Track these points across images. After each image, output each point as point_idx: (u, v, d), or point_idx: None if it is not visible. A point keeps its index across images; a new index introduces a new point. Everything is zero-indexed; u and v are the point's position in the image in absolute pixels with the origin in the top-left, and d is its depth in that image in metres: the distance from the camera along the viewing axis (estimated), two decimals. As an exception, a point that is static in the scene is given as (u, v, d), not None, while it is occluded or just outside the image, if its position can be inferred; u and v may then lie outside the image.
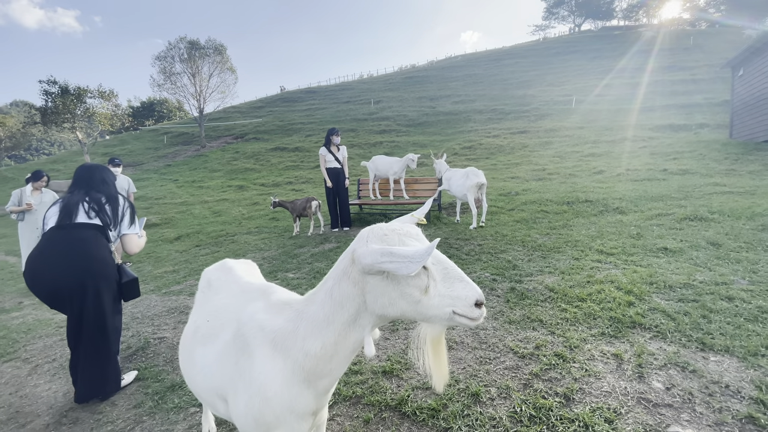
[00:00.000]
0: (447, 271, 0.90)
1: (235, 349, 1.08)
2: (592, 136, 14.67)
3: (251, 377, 1.01)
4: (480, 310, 0.88)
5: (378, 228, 0.95)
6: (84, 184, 2.32)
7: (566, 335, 2.37)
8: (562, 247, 4.20)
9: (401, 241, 0.92)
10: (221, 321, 1.21)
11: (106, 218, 2.26)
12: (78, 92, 19.77)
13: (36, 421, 2.17)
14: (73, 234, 2.15)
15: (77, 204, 2.21)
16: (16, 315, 4.26)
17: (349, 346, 1.00)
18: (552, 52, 40.02)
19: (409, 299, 0.90)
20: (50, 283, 2.10)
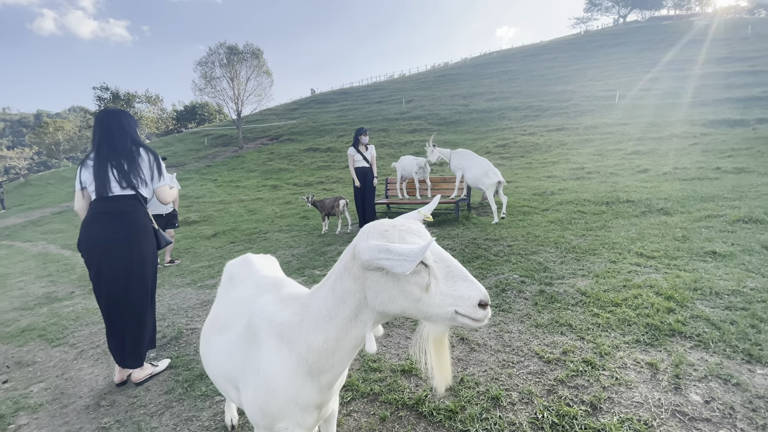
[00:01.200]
0: (450, 269, 0.88)
1: (245, 339, 1.11)
2: (636, 132, 13.85)
3: (258, 368, 1.03)
4: (484, 311, 0.85)
5: (380, 223, 0.94)
6: (105, 133, 2.33)
7: (597, 341, 2.24)
8: (599, 249, 3.99)
9: (401, 238, 0.89)
10: (236, 312, 1.24)
11: (135, 182, 2.32)
12: (127, 97, 21.19)
13: (77, 402, 2.34)
14: (113, 207, 2.28)
15: (106, 173, 2.27)
16: (68, 304, 4.61)
17: (351, 342, 0.99)
18: (594, 45, 38.20)
19: (409, 297, 0.88)
20: (100, 255, 2.28)
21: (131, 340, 2.41)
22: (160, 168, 2.47)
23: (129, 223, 2.30)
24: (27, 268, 7.81)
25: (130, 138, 2.39)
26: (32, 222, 16.04)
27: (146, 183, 2.39)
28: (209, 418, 2.00)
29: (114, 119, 2.39)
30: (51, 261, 8.10)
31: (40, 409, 2.31)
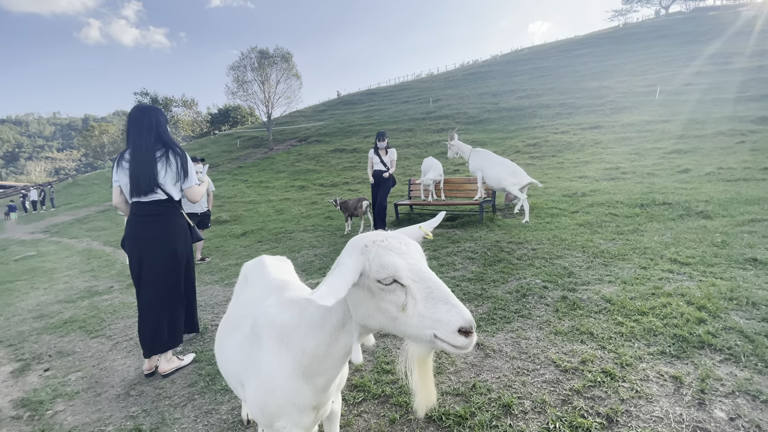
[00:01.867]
0: (430, 290, 0.83)
1: (250, 340, 1.15)
2: (678, 130, 13.09)
3: (260, 368, 1.07)
4: (467, 338, 0.79)
5: (365, 237, 0.92)
6: (137, 132, 2.43)
7: (619, 351, 2.15)
8: (629, 254, 3.82)
9: (378, 255, 0.86)
10: (245, 313, 1.29)
11: (164, 186, 2.46)
12: (165, 102, 22.25)
13: (109, 392, 2.49)
14: (148, 210, 2.48)
15: (137, 178, 2.40)
16: (106, 298, 4.92)
17: (341, 350, 1.00)
18: (633, 38, 36.41)
19: (386, 314, 0.86)
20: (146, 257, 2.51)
21: (159, 329, 2.57)
22: (186, 169, 2.56)
23: (164, 223, 2.52)
24: (72, 263, 8.38)
25: (160, 139, 2.49)
26: (78, 220, 17.18)
27: (174, 185, 2.52)
28: (227, 412, 2.08)
29: (146, 117, 2.48)
30: (94, 257, 8.64)
31: (76, 397, 2.48)
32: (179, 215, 2.61)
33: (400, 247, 0.89)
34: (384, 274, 0.84)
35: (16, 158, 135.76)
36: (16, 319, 4.53)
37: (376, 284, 0.86)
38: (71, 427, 2.13)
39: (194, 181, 2.62)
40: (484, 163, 6.16)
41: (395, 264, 0.84)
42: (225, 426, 1.96)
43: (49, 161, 77.77)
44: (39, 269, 8.04)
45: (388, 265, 0.84)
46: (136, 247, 2.51)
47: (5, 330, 4.16)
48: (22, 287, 6.48)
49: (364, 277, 0.87)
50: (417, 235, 1.05)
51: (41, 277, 7.15)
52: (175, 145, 2.56)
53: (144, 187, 2.42)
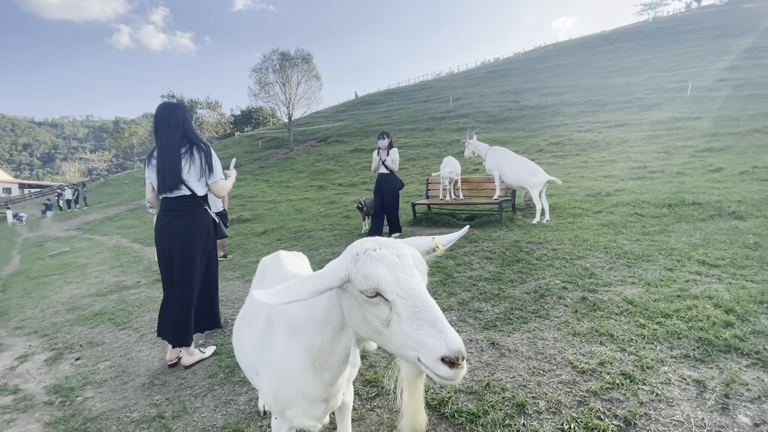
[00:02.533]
0: (417, 309, 0.77)
1: (265, 331, 1.19)
2: (710, 127, 12.53)
3: (273, 357, 1.10)
4: (452, 369, 0.71)
5: (362, 244, 0.89)
6: (163, 130, 2.52)
7: (639, 354, 2.09)
8: (654, 255, 3.69)
9: (364, 265, 0.82)
10: (260, 306, 1.33)
11: (188, 182, 2.54)
12: (191, 104, 22.93)
13: (135, 381, 2.60)
14: (174, 205, 2.58)
15: (164, 175, 2.50)
16: (134, 292, 5.12)
17: (342, 350, 1.00)
18: (663, 32, 35.04)
19: (371, 326, 0.83)
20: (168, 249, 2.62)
21: (181, 320, 2.65)
22: (211, 164, 2.60)
23: (188, 217, 2.59)
24: (103, 259, 8.76)
25: (185, 136, 2.55)
26: (109, 218, 17.94)
27: (199, 180, 2.58)
28: (245, 403, 2.14)
29: (172, 114, 2.55)
30: (123, 253, 9.00)
31: (104, 385, 2.60)
32: (203, 211, 2.67)
33: (390, 258, 0.82)
34: (365, 285, 0.80)
35: (52, 159, 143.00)
36: (51, 311, 4.78)
37: (359, 295, 0.82)
38: (99, 412, 2.24)
39: (219, 176, 2.66)
40: (501, 162, 6.07)
41: (379, 276, 0.79)
42: (242, 416, 2.02)
43: (82, 162, 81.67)
44: (72, 264, 8.45)
45: (372, 277, 0.80)
46: (162, 240, 2.63)
47: (41, 321, 4.40)
48: (57, 281, 6.82)
49: (352, 286, 0.85)
50: (428, 247, 0.98)
51: (74, 272, 7.51)
52: (199, 141, 2.59)
53: (169, 183, 2.50)
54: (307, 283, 0.82)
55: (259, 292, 0.78)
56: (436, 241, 0.98)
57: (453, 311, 2.94)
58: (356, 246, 0.88)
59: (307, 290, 0.80)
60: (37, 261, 9.92)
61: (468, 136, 6.77)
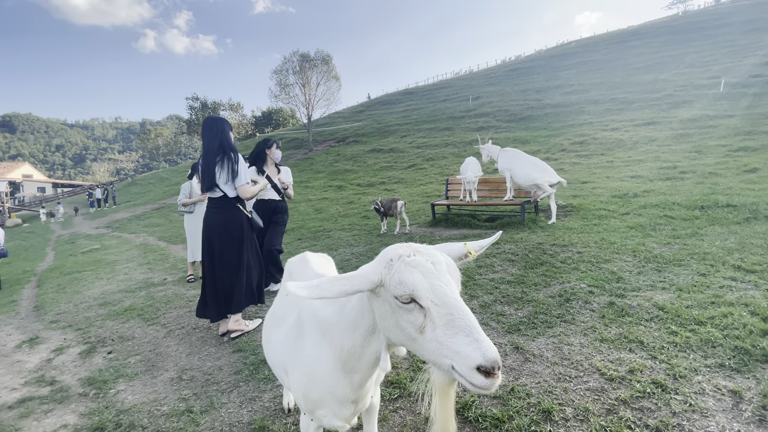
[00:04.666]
0: (452, 317, 0.76)
1: (295, 331, 1.21)
2: (745, 125, 11.96)
3: (303, 357, 1.12)
4: (488, 379, 0.71)
5: (393, 249, 0.89)
6: (205, 139, 3.00)
7: (671, 362, 2.02)
8: (686, 259, 3.55)
9: (398, 271, 0.82)
10: (290, 307, 1.35)
11: (220, 185, 2.95)
12: (213, 106, 23.50)
13: (164, 375, 2.69)
14: (214, 204, 3.07)
15: (203, 178, 2.98)
16: (161, 289, 5.28)
17: (372, 354, 1.00)
18: (694, 27, 33.67)
19: (404, 332, 0.82)
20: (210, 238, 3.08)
21: (221, 297, 3.08)
22: (236, 170, 2.96)
23: (224, 214, 3.06)
24: (131, 256, 9.08)
25: (221, 145, 2.96)
26: (136, 216, 18.57)
27: (226, 183, 2.98)
28: (270, 400, 2.18)
29: (213, 126, 3.00)
30: (150, 251, 9.31)
31: (135, 378, 2.70)
32: (235, 208, 3.08)
33: (425, 265, 0.82)
34: (400, 291, 0.80)
35: (83, 159, 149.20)
36: (84, 305, 4.99)
37: (393, 300, 0.82)
38: (131, 405, 2.32)
39: (243, 180, 2.99)
40: (512, 162, 6.07)
41: (414, 283, 0.79)
42: (267, 413, 2.05)
43: (111, 162, 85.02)
44: (103, 261, 8.79)
45: (407, 283, 0.80)
46: (206, 231, 3.10)
47: (74, 315, 4.59)
48: (89, 277, 7.11)
49: (385, 291, 0.85)
50: (460, 252, 0.97)
51: (105, 269, 7.81)
52: (230, 150, 3.00)
53: (206, 184, 2.98)
54: (339, 282, 0.83)
55: (292, 284, 0.80)
56: (469, 247, 0.97)
57: (475, 314, 2.90)
58: (390, 251, 0.88)
59: (338, 289, 0.82)
60: (70, 257, 10.37)
61: (482, 141, 6.71)
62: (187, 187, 5.25)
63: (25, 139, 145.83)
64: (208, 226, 3.10)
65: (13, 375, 3.03)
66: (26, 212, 29.19)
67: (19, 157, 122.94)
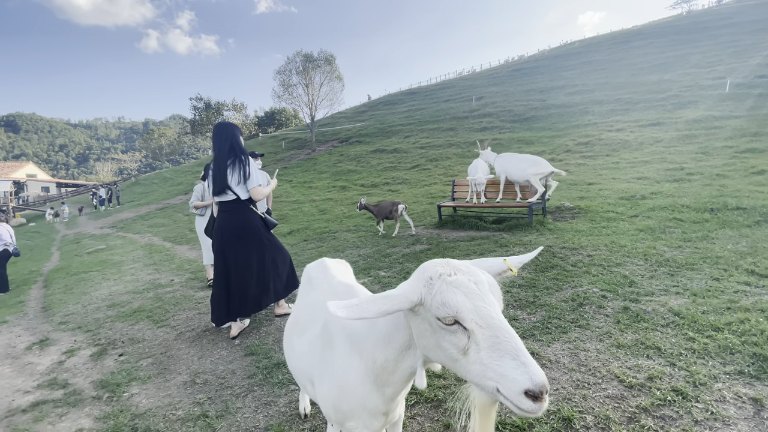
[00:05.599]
0: (497, 339, 0.74)
1: (321, 340, 1.20)
2: (751, 126, 11.89)
3: (333, 368, 1.11)
4: (535, 403, 0.69)
5: (432, 267, 0.86)
6: (216, 144, 3.03)
7: (690, 369, 2.00)
8: (698, 263, 3.53)
9: (440, 291, 0.80)
10: (313, 316, 1.34)
11: (233, 187, 2.99)
12: (217, 106, 23.54)
13: (177, 378, 2.68)
14: (226, 207, 3.09)
15: (215, 181, 3.00)
16: (169, 290, 5.29)
17: (407, 369, 0.99)
18: (698, 27, 33.51)
19: (445, 352, 0.81)
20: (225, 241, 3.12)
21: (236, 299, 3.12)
22: (247, 173, 2.99)
23: (237, 216, 3.10)
24: (137, 256, 9.10)
25: (232, 149, 3.00)
26: (140, 216, 18.61)
27: (238, 185, 3.00)
28: (285, 405, 2.17)
29: (223, 131, 3.05)
30: (155, 251, 9.33)
31: (148, 382, 2.69)
32: (248, 210, 3.15)
33: (468, 285, 0.80)
34: (444, 313, 0.78)
35: (86, 159, 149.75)
36: (92, 307, 5.00)
37: (435, 321, 0.81)
38: (146, 409, 2.32)
39: (255, 182, 3.03)
40: (506, 163, 6.33)
41: (458, 304, 0.78)
42: (283, 418, 2.05)
43: (114, 162, 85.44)
44: (109, 261, 8.81)
45: (450, 305, 0.78)
46: (220, 235, 3.12)
47: (83, 317, 4.60)
48: (95, 278, 7.13)
49: (425, 310, 0.83)
50: (498, 269, 0.94)
51: (111, 269, 7.83)
52: (241, 153, 3.03)
53: (218, 187, 3.00)
54: (378, 302, 0.82)
55: (333, 304, 0.80)
56: (509, 263, 0.94)
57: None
58: (429, 269, 0.86)
59: (377, 310, 0.81)
60: (76, 258, 10.41)
61: (481, 148, 6.76)
62: (199, 189, 5.10)
63: (29, 139, 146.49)
64: (222, 230, 3.12)
65: (25, 377, 3.04)
66: (30, 212, 29.32)
67: (22, 156, 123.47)
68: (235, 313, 3.13)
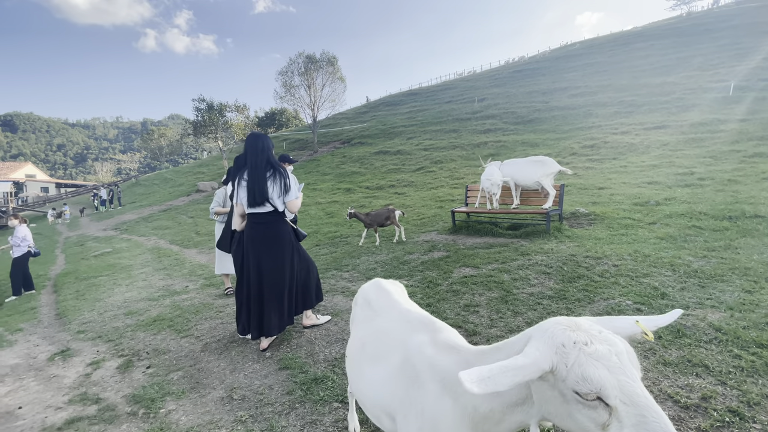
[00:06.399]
0: (644, 419, 0.70)
1: (404, 376, 1.17)
2: (757, 130, 11.92)
3: (423, 409, 1.08)
4: None
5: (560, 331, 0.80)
6: (251, 155, 2.99)
7: (742, 388, 1.98)
8: (727, 274, 3.52)
9: (579, 363, 0.75)
10: (387, 345, 1.31)
11: (271, 200, 2.98)
12: (220, 108, 23.47)
13: (212, 393, 2.65)
14: (260, 219, 3.05)
15: (252, 194, 2.95)
16: (185, 297, 5.24)
17: (515, 423, 0.95)
18: (699, 29, 33.63)
19: (578, 425, 0.77)
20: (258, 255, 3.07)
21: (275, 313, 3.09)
22: (288, 185, 3.02)
23: (274, 228, 3.09)
24: (145, 260, 9.04)
25: (269, 161, 3.00)
26: (143, 218, 18.52)
27: (278, 198, 2.99)
28: (331, 424, 2.14)
29: (258, 142, 3.04)
30: (164, 255, 9.27)
31: (183, 397, 2.66)
32: (284, 222, 3.17)
33: (609, 358, 0.75)
34: (585, 389, 0.74)
35: (84, 159, 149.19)
36: (109, 314, 4.96)
37: (571, 393, 0.76)
38: (187, 427, 2.29)
39: (294, 195, 3.07)
40: (512, 168, 6.31)
41: (601, 381, 0.73)
42: (332, 439, 2.02)
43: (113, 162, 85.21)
44: (117, 266, 8.75)
45: (593, 380, 0.73)
46: (254, 248, 3.07)
47: (101, 325, 4.56)
48: (106, 283, 7.08)
49: (557, 380, 0.79)
50: (629, 331, 0.87)
51: (120, 274, 7.78)
52: (279, 166, 3.04)
53: (258, 199, 2.97)
54: (509, 374, 0.77)
55: (467, 379, 0.75)
56: (643, 327, 0.87)
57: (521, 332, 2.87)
58: (558, 334, 0.81)
59: (509, 382, 0.76)
60: (82, 261, 10.34)
61: (485, 163, 6.74)
62: (221, 194, 4.84)
63: (27, 139, 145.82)
64: (255, 242, 3.08)
65: (53, 392, 3.00)
66: (30, 213, 29.15)
67: (20, 156, 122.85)
68: (269, 329, 3.08)
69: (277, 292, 3.11)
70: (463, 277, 4.23)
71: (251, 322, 3.12)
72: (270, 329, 3.10)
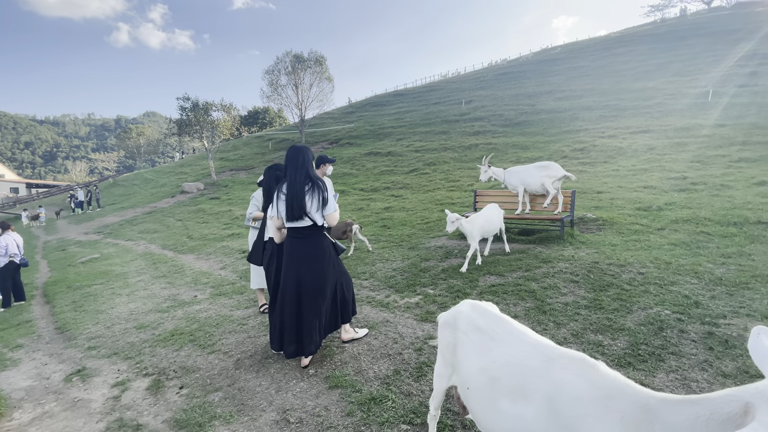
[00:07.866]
0: None
1: (554, 421, 1.13)
2: (738, 135, 12.48)
3: None
4: None
5: None
6: (292, 165, 2.95)
7: (812, 402, 2.04)
8: (750, 282, 3.64)
9: None
10: (523, 378, 1.27)
11: (310, 214, 2.93)
12: (205, 106, 22.87)
13: (264, 416, 2.55)
14: (301, 233, 3.00)
15: (291, 208, 2.89)
16: (198, 309, 5.04)
17: None
18: (675, 35, 34.96)
19: None
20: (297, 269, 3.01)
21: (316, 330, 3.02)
22: (326, 199, 2.95)
23: (314, 242, 3.04)
24: (140, 267, 8.69)
25: (308, 175, 2.94)
26: (127, 221, 17.84)
27: (317, 212, 2.93)
28: (404, 450, 2.09)
29: (299, 155, 2.98)
30: (159, 261, 8.93)
31: (233, 420, 2.54)
32: (323, 236, 3.11)
33: None
34: None
35: (54, 157, 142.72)
36: (118, 328, 4.73)
37: None
38: (248, 456, 2.18)
39: (332, 208, 3.01)
40: (521, 175, 6.45)
41: None
42: (412, 466, 1.97)
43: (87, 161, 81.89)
44: (110, 273, 8.38)
45: None
46: (294, 263, 3.02)
47: (114, 341, 4.34)
48: (102, 292, 6.76)
49: None
50: None
51: (116, 282, 7.45)
52: (318, 179, 2.98)
53: (296, 213, 2.91)
54: None
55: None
56: None
57: (571, 344, 2.90)
58: None
59: None
60: (70, 268, 9.86)
61: (485, 163, 6.81)
62: (259, 196, 4.31)
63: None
64: (299, 257, 3.03)
65: (83, 418, 2.83)
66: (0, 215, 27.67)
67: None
68: (309, 347, 3.01)
69: (317, 309, 3.05)
70: (491, 286, 4.23)
71: (288, 338, 3.04)
72: (310, 348, 3.03)
